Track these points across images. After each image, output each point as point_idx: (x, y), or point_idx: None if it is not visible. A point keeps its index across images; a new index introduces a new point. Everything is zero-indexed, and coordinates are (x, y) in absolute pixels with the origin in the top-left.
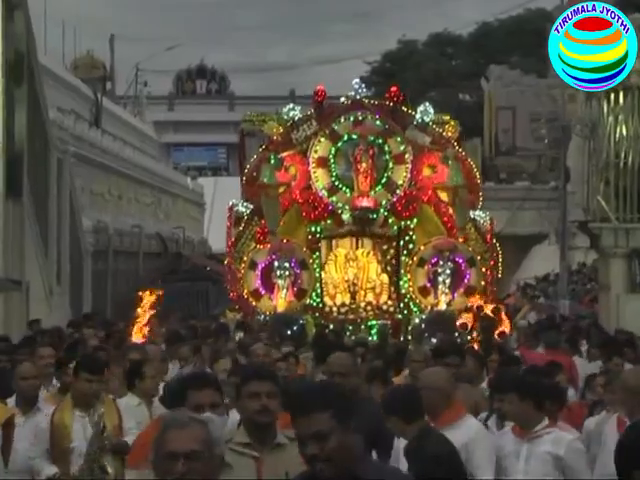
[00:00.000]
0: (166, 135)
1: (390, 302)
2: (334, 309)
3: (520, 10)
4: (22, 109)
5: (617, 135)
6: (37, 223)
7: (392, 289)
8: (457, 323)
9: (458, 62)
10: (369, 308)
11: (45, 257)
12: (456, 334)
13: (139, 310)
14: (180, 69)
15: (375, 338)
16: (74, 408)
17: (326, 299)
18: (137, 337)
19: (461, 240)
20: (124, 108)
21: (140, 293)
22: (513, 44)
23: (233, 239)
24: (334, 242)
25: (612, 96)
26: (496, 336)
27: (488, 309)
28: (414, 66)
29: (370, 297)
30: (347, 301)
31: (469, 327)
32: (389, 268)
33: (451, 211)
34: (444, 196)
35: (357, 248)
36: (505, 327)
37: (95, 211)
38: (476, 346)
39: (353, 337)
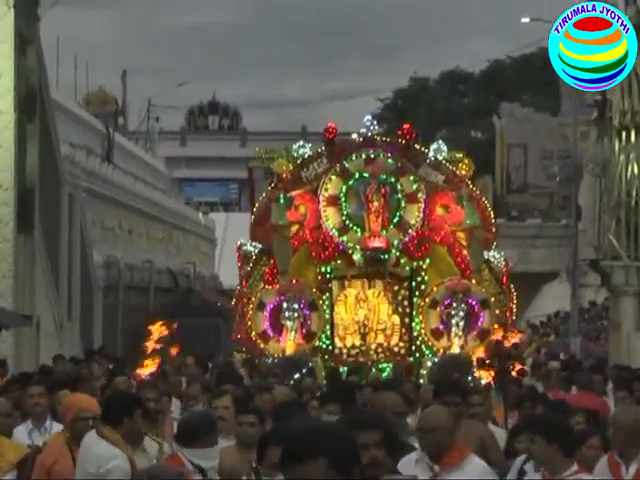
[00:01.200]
0: (178, 170)
1: (402, 344)
2: (344, 351)
3: (532, 48)
4: (34, 144)
5: (629, 173)
6: (48, 258)
7: (403, 331)
8: (474, 358)
9: (469, 99)
10: (380, 350)
11: (56, 292)
12: (469, 378)
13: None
14: (192, 104)
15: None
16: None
17: (336, 340)
18: (145, 371)
19: (474, 281)
20: (136, 143)
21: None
22: (524, 82)
23: (243, 279)
24: (345, 282)
25: (624, 135)
26: (515, 373)
27: (507, 343)
28: (426, 103)
29: (381, 339)
30: (357, 343)
31: (486, 362)
32: (400, 309)
33: (465, 252)
34: (462, 237)
35: (369, 288)
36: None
37: (106, 246)
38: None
39: (364, 381)
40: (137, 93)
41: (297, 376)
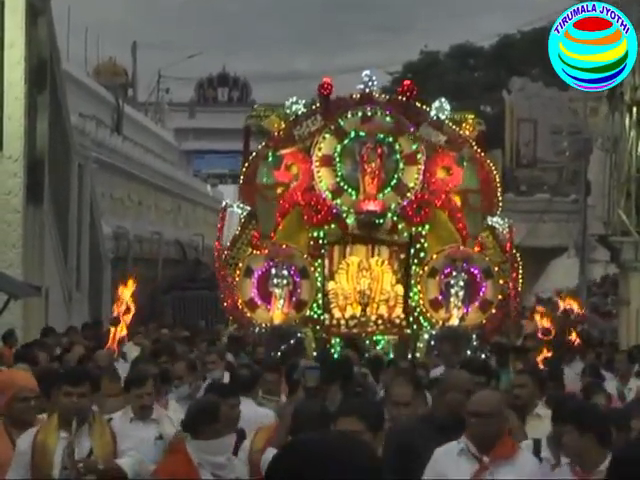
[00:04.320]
0: (187, 142)
1: (403, 315)
2: (342, 322)
3: (543, 23)
4: (44, 115)
5: (639, 149)
6: (57, 229)
7: (408, 301)
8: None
9: (480, 74)
10: (380, 322)
11: (65, 263)
12: (468, 352)
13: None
14: (202, 76)
15: (389, 354)
16: (60, 429)
17: (335, 311)
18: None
19: (477, 249)
20: (145, 115)
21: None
22: (535, 56)
23: (228, 243)
24: (348, 249)
25: (634, 110)
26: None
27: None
28: (436, 77)
29: (383, 310)
30: (358, 313)
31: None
32: (405, 278)
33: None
34: (457, 200)
35: (372, 256)
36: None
37: (115, 217)
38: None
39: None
40: (147, 65)
41: (283, 347)
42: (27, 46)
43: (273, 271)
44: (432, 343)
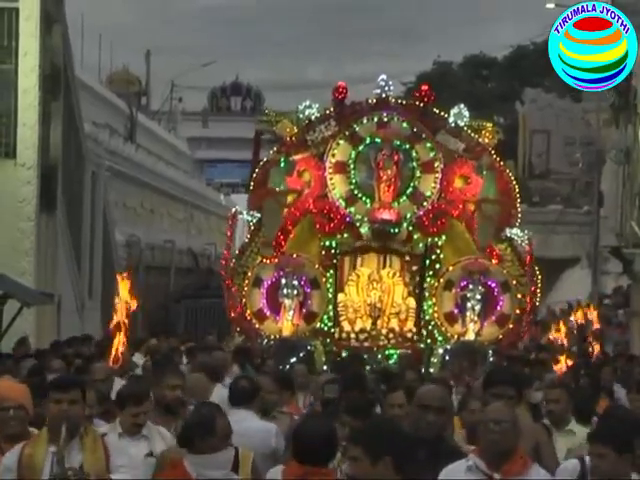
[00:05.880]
0: (200, 151)
1: (415, 329)
2: (352, 335)
3: None
4: (58, 123)
5: None
6: (70, 236)
7: (420, 315)
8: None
9: (493, 84)
10: (391, 335)
11: (77, 271)
12: (483, 368)
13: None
14: (215, 86)
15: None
16: (49, 443)
17: (344, 324)
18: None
19: (495, 261)
20: (158, 123)
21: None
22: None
23: (237, 251)
24: (359, 260)
25: None
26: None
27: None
28: (449, 87)
29: (394, 323)
30: (368, 327)
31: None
32: (418, 291)
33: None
34: (471, 209)
35: (384, 267)
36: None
37: (128, 225)
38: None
39: (368, 367)
40: (160, 73)
41: (293, 360)
42: (41, 54)
43: (283, 281)
44: (446, 358)
